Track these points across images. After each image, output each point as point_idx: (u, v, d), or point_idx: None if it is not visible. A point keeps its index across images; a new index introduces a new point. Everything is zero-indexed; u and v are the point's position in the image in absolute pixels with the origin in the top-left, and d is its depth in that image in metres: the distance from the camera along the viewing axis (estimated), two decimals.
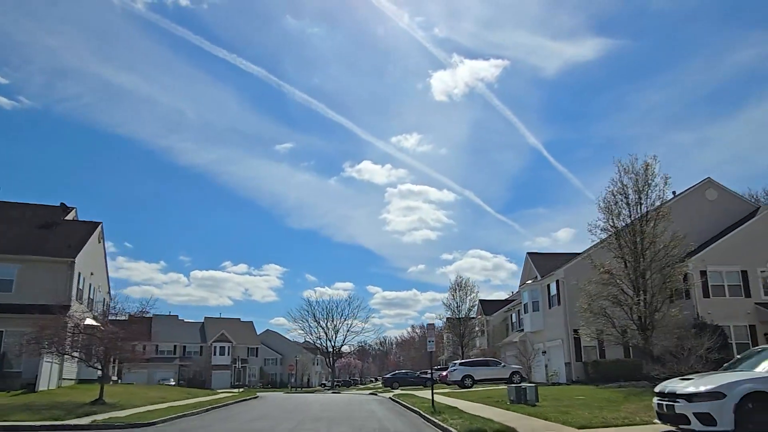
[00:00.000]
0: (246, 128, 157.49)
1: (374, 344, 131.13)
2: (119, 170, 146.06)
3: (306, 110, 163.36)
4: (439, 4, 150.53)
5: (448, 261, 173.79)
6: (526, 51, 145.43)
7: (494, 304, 56.25)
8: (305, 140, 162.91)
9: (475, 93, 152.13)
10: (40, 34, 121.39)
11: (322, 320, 66.84)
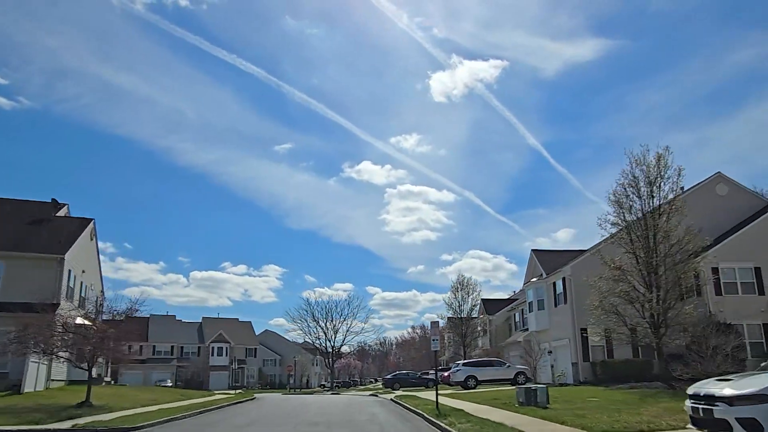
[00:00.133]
0: (245, 129, 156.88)
1: (374, 345, 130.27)
2: (118, 171, 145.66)
3: (305, 111, 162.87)
4: (439, 5, 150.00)
5: (448, 262, 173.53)
6: (526, 51, 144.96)
7: (497, 304, 55.27)
8: (304, 140, 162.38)
9: (475, 93, 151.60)
10: (40, 35, 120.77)
11: (322, 320, 65.99)
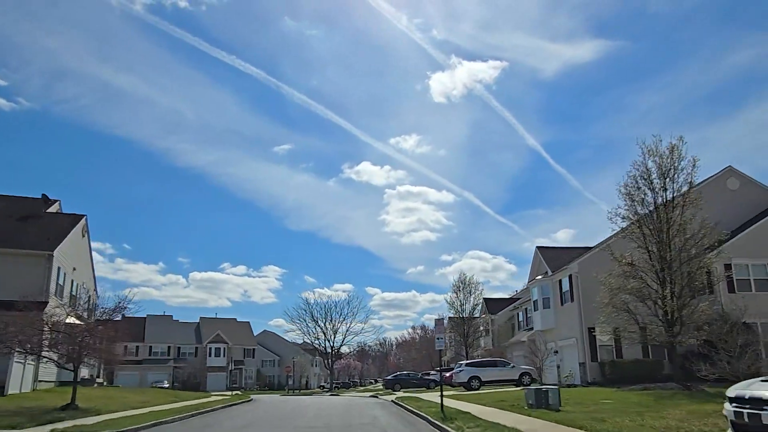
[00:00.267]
0: (245, 129, 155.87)
1: (374, 345, 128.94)
2: (118, 171, 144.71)
3: (305, 111, 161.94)
4: (438, 6, 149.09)
5: (448, 262, 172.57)
6: (525, 52, 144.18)
7: (499, 303, 54.23)
8: (304, 141, 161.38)
9: (474, 94, 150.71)
10: (39, 36, 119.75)
11: (321, 320, 64.99)
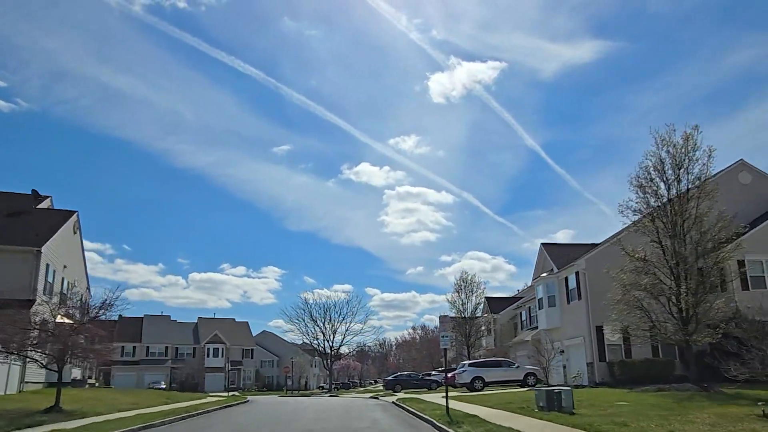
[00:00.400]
0: (244, 130, 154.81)
1: (373, 346, 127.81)
2: (117, 172, 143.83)
3: (304, 112, 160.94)
4: (437, 7, 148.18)
5: (447, 263, 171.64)
6: (524, 53, 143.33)
7: (502, 302, 53.16)
8: (303, 142, 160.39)
9: (473, 95, 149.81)
10: (38, 37, 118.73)
11: (320, 320, 63.99)
